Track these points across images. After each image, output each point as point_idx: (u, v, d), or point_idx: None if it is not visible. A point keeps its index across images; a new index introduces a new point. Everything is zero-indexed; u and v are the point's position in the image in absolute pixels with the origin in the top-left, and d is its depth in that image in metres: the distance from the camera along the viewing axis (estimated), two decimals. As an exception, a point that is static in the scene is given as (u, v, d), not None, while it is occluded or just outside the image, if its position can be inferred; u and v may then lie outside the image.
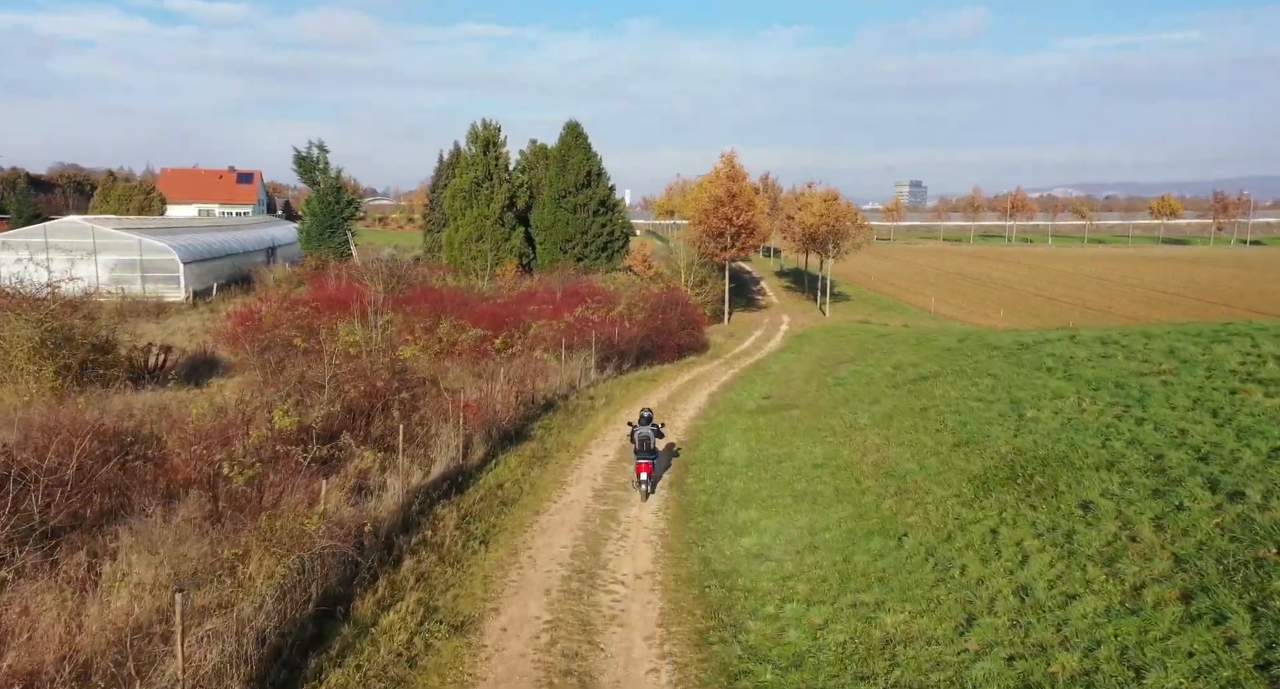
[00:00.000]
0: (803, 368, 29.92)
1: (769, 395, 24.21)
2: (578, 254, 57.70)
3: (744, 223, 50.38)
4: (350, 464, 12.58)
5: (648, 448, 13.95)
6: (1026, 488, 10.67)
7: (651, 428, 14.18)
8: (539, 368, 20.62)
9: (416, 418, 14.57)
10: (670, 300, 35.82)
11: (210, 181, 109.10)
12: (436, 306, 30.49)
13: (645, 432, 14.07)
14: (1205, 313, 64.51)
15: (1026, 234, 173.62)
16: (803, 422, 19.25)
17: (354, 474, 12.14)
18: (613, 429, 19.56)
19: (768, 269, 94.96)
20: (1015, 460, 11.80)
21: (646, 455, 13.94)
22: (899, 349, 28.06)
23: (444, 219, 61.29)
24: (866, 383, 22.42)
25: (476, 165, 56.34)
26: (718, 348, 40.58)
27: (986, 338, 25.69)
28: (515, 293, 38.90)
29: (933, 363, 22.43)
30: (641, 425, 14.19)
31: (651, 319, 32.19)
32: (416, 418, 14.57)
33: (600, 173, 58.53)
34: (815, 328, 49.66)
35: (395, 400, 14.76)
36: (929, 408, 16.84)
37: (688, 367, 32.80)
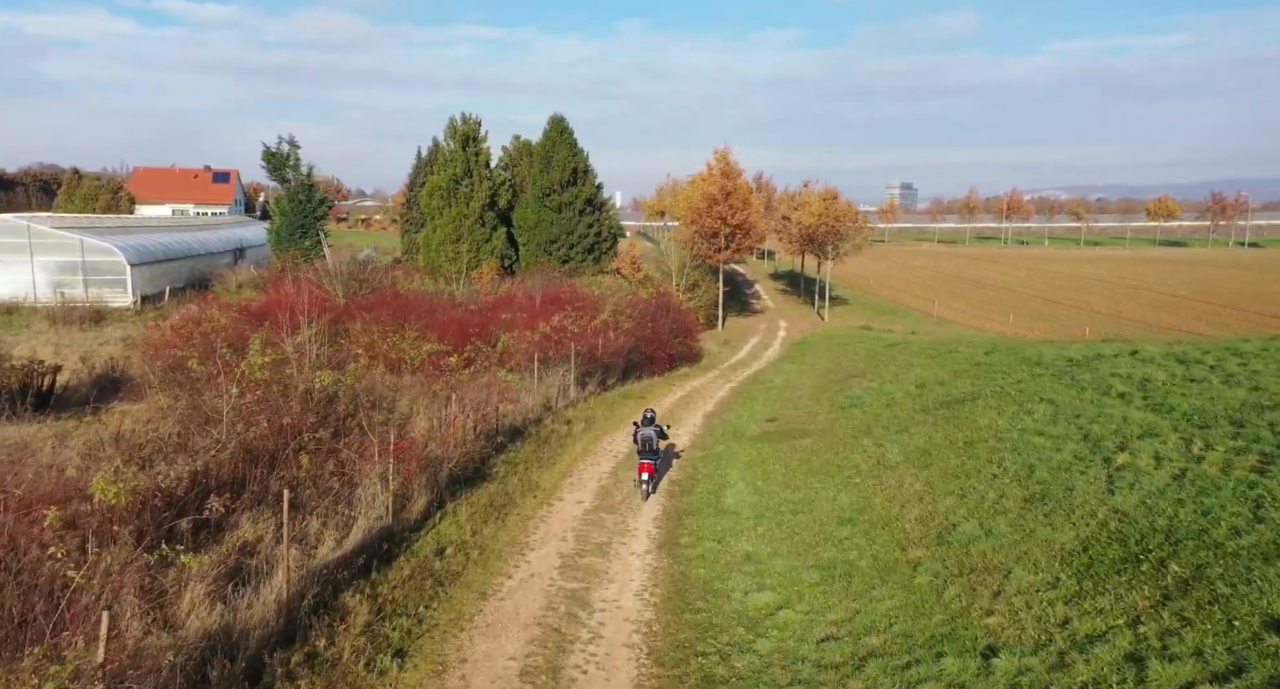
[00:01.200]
0: (808, 382, 26.84)
1: (773, 417, 21.11)
2: (563, 256, 54.52)
3: (739, 223, 47.32)
4: (232, 536, 9.40)
5: (650, 448, 14.18)
6: (1160, 582, 7.59)
7: (655, 429, 14.40)
8: (503, 390, 17.48)
9: (333, 464, 11.38)
10: (660, 306, 32.71)
11: (185, 181, 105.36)
12: (400, 314, 27.31)
13: (648, 432, 14.26)
14: (1218, 316, 61.92)
15: (1021, 236, 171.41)
16: (818, 454, 16.15)
17: (232, 552, 8.95)
18: (591, 463, 16.40)
19: (762, 272, 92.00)
20: (1124, 531, 8.73)
21: (649, 456, 14.15)
22: (917, 361, 25.02)
23: (422, 219, 58.04)
24: (887, 404, 19.35)
25: (455, 162, 53.09)
26: (712, 357, 37.48)
27: (1020, 350, 22.68)
28: (492, 298, 35.71)
29: (964, 381, 19.39)
30: (645, 426, 14.39)
31: (639, 327, 29.07)
32: (333, 464, 11.38)
33: (587, 170, 55.39)
34: (815, 334, 46.64)
35: (311, 439, 11.57)
36: (975, 442, 13.77)
37: (680, 379, 29.68)
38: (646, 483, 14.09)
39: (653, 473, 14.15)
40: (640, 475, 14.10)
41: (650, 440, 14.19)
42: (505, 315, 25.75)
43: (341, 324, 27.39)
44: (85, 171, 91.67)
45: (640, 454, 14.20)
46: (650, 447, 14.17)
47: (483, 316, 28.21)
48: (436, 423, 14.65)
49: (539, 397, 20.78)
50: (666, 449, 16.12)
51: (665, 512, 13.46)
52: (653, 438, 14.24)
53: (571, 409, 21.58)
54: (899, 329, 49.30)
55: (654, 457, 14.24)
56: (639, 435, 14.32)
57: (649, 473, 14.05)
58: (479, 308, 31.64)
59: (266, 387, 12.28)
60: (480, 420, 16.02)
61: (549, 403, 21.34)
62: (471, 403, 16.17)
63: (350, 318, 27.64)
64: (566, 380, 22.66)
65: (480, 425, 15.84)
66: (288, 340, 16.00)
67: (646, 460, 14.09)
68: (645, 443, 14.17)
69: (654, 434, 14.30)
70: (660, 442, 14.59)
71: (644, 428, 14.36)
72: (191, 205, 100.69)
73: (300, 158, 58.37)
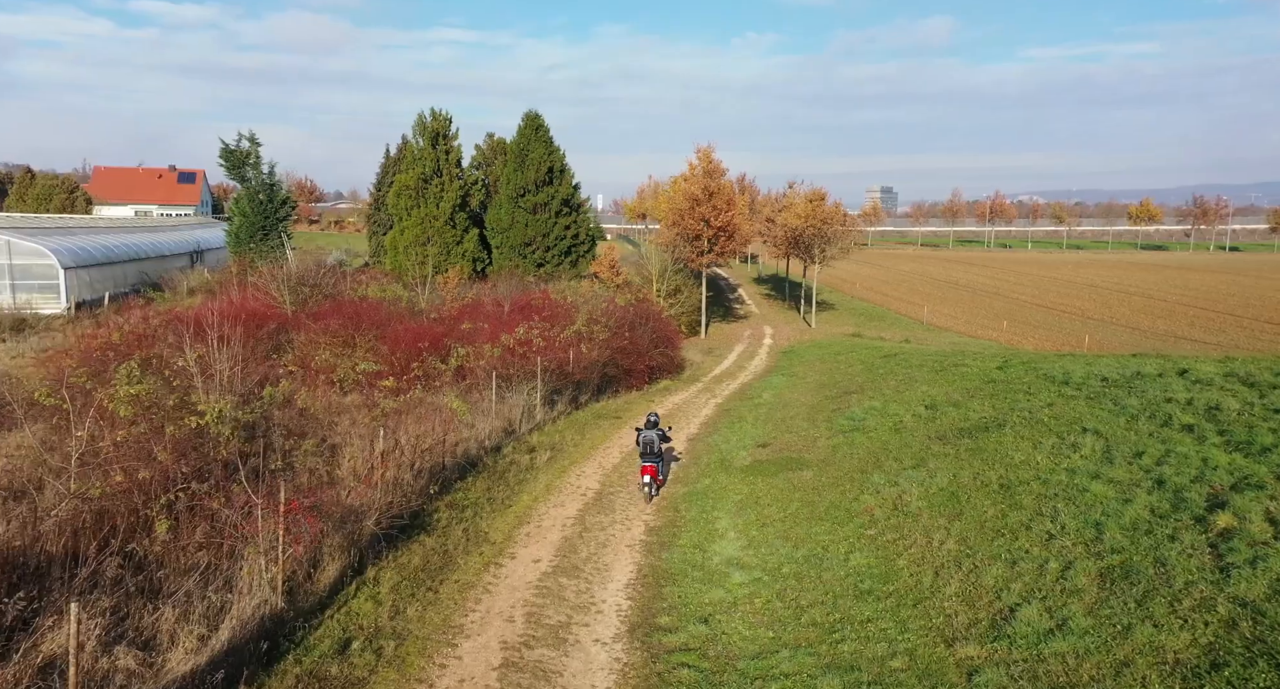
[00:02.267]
0: (801, 398, 24.44)
1: (765, 443, 18.67)
2: (538, 259, 51.93)
3: (723, 224, 44.97)
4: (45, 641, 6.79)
5: (653, 451, 14.30)
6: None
7: (657, 432, 14.54)
8: (449, 418, 14.88)
9: (205, 530, 8.77)
10: (639, 314, 30.22)
11: (148, 181, 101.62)
12: (351, 324, 24.67)
13: (650, 436, 14.40)
14: (1214, 323, 60.44)
15: (1004, 239, 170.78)
16: (821, 493, 13.71)
17: (25, 675, 6.35)
18: (554, 504, 13.86)
19: (745, 276, 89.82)
20: (1265, 639, 6.33)
21: (652, 459, 14.30)
22: (921, 376, 22.69)
23: (390, 221, 55.23)
24: (895, 429, 16.96)
25: (424, 160, 50.39)
26: (695, 368, 35.05)
27: (1037, 364, 20.39)
28: (458, 305, 33.09)
29: (982, 402, 17.04)
30: (647, 429, 14.51)
31: (616, 338, 26.56)
32: (205, 530, 8.77)
33: (563, 169, 52.83)
34: (803, 342, 44.34)
35: (180, 495, 8.95)
36: (1014, 485, 11.39)
37: (661, 394, 27.19)
38: (649, 485, 14.23)
39: (655, 475, 14.32)
40: (643, 478, 14.28)
41: (653, 444, 14.31)
42: (466, 326, 23.15)
43: (286, 335, 24.73)
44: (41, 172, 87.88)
45: (643, 457, 14.34)
46: (653, 450, 14.30)
47: (443, 327, 25.61)
48: (360, 462, 12.06)
49: (499, 420, 18.21)
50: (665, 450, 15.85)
51: (640, 573, 10.95)
52: (655, 441, 14.35)
53: (537, 433, 19.02)
54: (890, 336, 47.14)
55: (656, 459, 14.37)
56: (641, 438, 14.41)
57: (651, 475, 14.22)
58: (441, 316, 29.03)
59: (133, 424, 9.63)
60: (422, 455, 13.44)
61: (511, 426, 18.78)
62: (413, 433, 13.59)
63: (296, 328, 24.98)
64: (532, 400, 20.11)
65: (421, 461, 13.26)
66: (189, 358, 13.33)
67: (649, 463, 14.24)
68: (647, 446, 14.28)
69: (656, 437, 14.40)
70: (662, 444, 14.60)
71: (646, 431, 14.47)
72: (155, 206, 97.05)
73: (261, 156, 55.37)
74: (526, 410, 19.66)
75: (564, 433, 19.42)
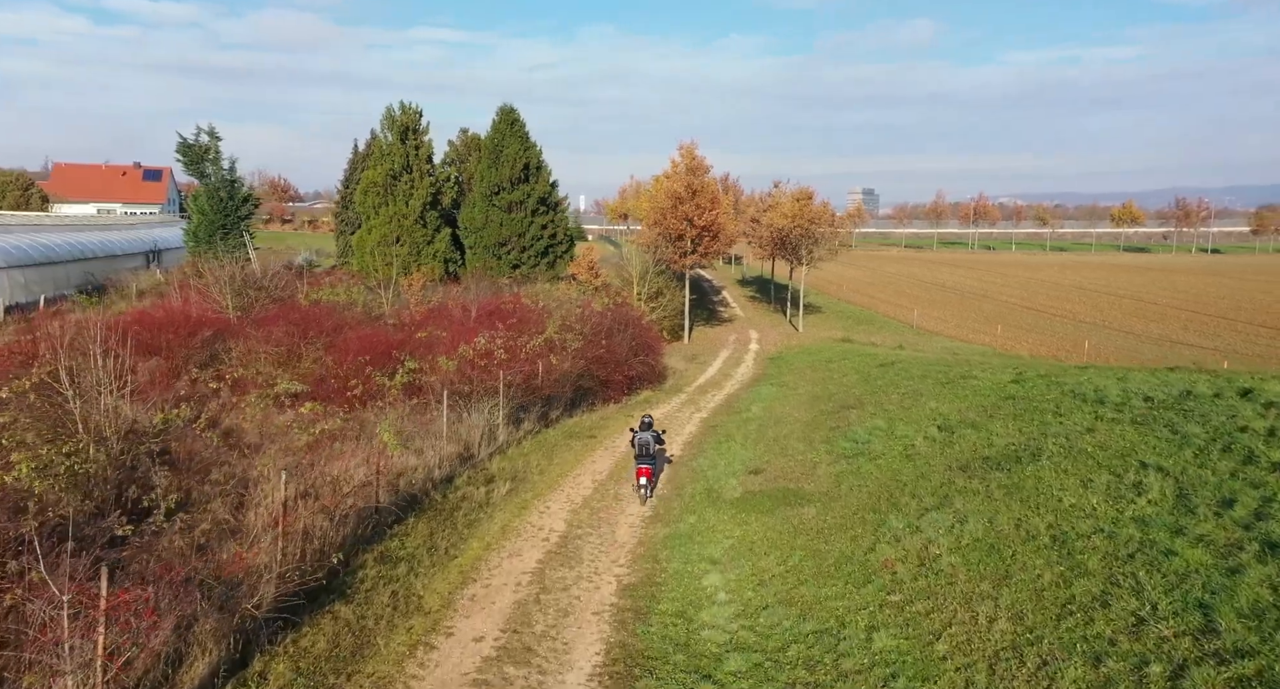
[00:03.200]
0: (794, 413, 22.26)
1: (758, 468, 16.44)
2: (514, 260, 49.53)
3: (707, 224, 42.77)
4: None
5: (647, 453, 14.50)
6: None
7: (652, 434, 14.68)
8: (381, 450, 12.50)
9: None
10: (618, 319, 27.96)
11: (112, 178, 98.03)
12: (298, 332, 22.25)
13: (645, 438, 14.57)
14: (1207, 326, 59.07)
15: (987, 241, 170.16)
16: (828, 539, 11.50)
17: None
18: (508, 554, 11.54)
19: (729, 277, 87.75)
20: None
21: (646, 460, 14.47)
22: (926, 389, 20.57)
23: (358, 220, 52.60)
24: (906, 454, 14.80)
25: (393, 155, 47.85)
26: (678, 377, 32.82)
27: (1058, 378, 18.30)
28: (423, 309, 30.67)
29: (1004, 424, 14.90)
30: (642, 431, 14.69)
31: (591, 345, 24.28)
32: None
33: (540, 166, 50.47)
34: (791, 347, 42.24)
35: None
36: (1069, 539, 9.23)
37: (641, 407, 24.89)
38: (644, 487, 14.41)
39: (650, 477, 14.51)
40: (638, 480, 14.44)
41: (648, 445, 14.52)
42: (422, 335, 20.77)
43: (224, 344, 22.25)
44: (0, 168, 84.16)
45: (638, 459, 14.53)
46: (647, 451, 14.50)
47: (402, 335, 23.21)
48: (265, 512, 9.69)
49: (453, 444, 15.86)
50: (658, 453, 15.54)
51: (608, 656, 8.66)
52: (650, 442, 14.57)
53: (499, 458, 16.68)
54: (881, 341, 45.17)
55: (651, 462, 14.59)
56: (636, 440, 14.64)
57: (646, 477, 14.41)
58: (401, 323, 26.62)
59: None
60: (347, 495, 11.08)
61: (469, 451, 16.44)
62: (336, 471, 11.23)
63: (234, 336, 22.50)
64: (494, 419, 17.76)
65: (345, 504, 10.90)
66: (63, 378, 10.89)
67: (644, 465, 14.43)
68: (643, 448, 14.52)
69: (650, 439, 14.61)
70: (657, 446, 14.81)
71: (641, 433, 14.69)
72: (119, 204, 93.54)
73: (222, 151, 52.56)
74: (487, 431, 17.32)
75: (529, 457, 17.08)
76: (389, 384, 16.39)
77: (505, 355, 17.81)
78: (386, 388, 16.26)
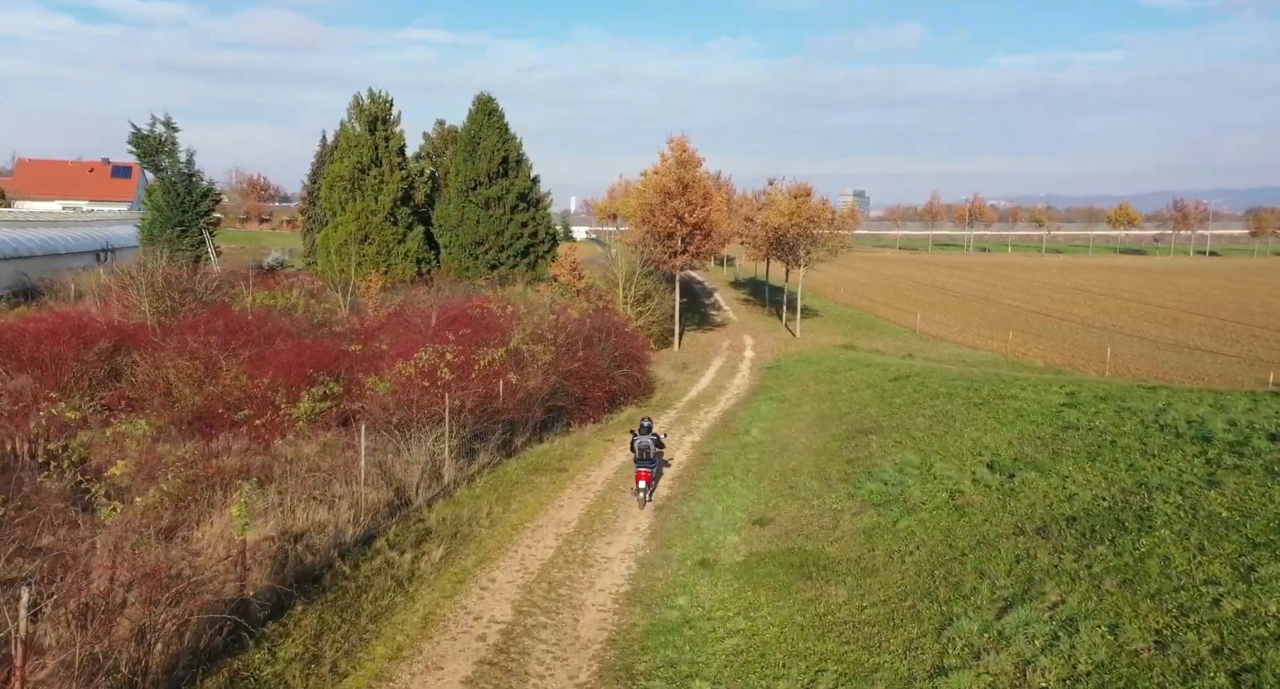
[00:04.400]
0: (801, 438, 19.04)
1: (763, 517, 13.20)
2: (491, 260, 46.22)
3: (698, 221, 39.53)
4: None
5: (647, 457, 14.35)
6: None
7: (652, 438, 14.52)
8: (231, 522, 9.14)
9: None
10: (598, 327, 24.68)
11: (78, 174, 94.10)
12: (221, 341, 18.94)
13: (645, 441, 14.40)
14: (1222, 331, 56.27)
15: (983, 243, 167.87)
16: (871, 644, 8.25)
17: None
18: (423, 666, 8.21)
19: (721, 279, 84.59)
20: None
21: (646, 464, 14.33)
22: (958, 412, 17.37)
23: (325, 216, 49.14)
24: (954, 505, 11.59)
25: (361, 147, 44.46)
26: (667, 390, 29.57)
27: (1127, 403, 15.12)
28: (381, 314, 27.33)
29: (1080, 468, 11.70)
30: (642, 435, 14.50)
31: (567, 357, 21.02)
32: None
33: (520, 159, 47.20)
34: (789, 355, 39.06)
35: None
36: (1255, 672, 6.01)
37: (623, 428, 21.60)
38: (643, 491, 14.21)
39: (649, 480, 14.31)
40: (637, 483, 14.26)
41: (647, 449, 14.37)
42: (355, 348, 17.44)
43: (130, 356, 18.88)
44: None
45: (637, 463, 14.36)
46: (647, 455, 14.35)
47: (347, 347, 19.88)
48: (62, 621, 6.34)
49: (380, 489, 12.54)
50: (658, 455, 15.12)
51: None
52: (650, 446, 14.41)
53: (442, 503, 13.38)
54: (885, 348, 42.05)
55: (650, 465, 14.42)
56: (636, 444, 14.49)
57: (646, 481, 14.22)
58: (350, 331, 23.28)
59: None
60: (178, 593, 7.76)
61: (403, 495, 13.13)
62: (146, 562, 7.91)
63: (142, 346, 19.14)
64: (440, 452, 14.46)
65: (180, 611, 7.57)
66: None
67: (643, 468, 14.25)
68: (642, 451, 14.35)
69: (650, 442, 14.45)
70: (657, 449, 14.62)
71: (641, 436, 14.51)
72: (85, 201, 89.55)
73: (179, 142, 49.06)
74: (430, 469, 14.01)
75: (481, 500, 13.78)
76: (293, 414, 13.03)
77: (450, 375, 14.47)
78: (293, 419, 12.93)
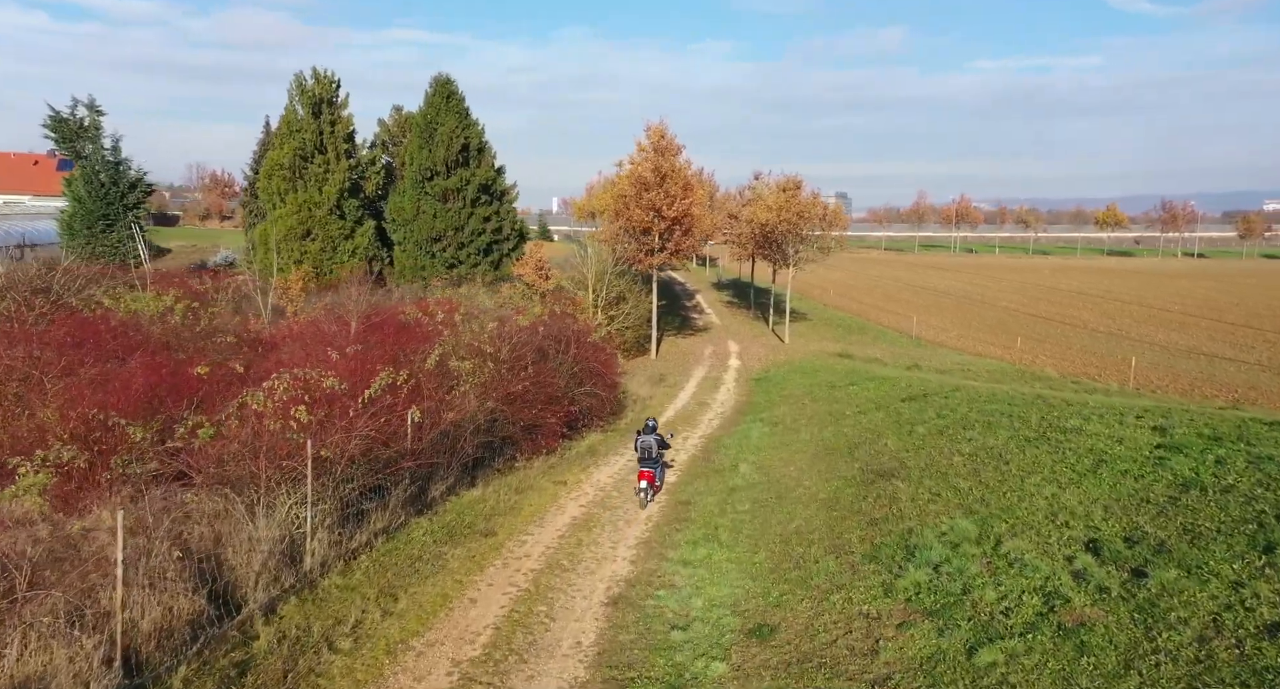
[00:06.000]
0: (804, 480, 14.91)
1: (762, 625, 9.03)
2: (450, 258, 41.83)
3: (678, 214, 35.39)
4: None
5: (650, 456, 14.36)
6: None
7: (655, 438, 14.57)
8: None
9: None
10: (557, 336, 20.45)
11: (21, 168, 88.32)
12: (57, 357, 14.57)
13: (649, 441, 14.45)
14: (1232, 336, 52.89)
15: (969, 244, 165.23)
16: None
17: None
18: None
19: (704, 280, 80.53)
20: None
21: (649, 464, 14.33)
22: (1008, 450, 13.30)
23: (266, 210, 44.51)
24: (1068, 638, 7.48)
25: (304, 132, 39.93)
26: (640, 408, 25.35)
27: (1258, 447, 11.10)
28: (298, 322, 22.95)
29: (1249, 566, 7.64)
30: (646, 434, 14.57)
31: (511, 376, 16.76)
32: None
33: (483, 148, 42.85)
34: (779, 364, 35.00)
35: None
36: None
37: (580, 465, 17.37)
38: (645, 491, 14.16)
39: (652, 481, 14.24)
40: (639, 483, 14.22)
41: (650, 449, 14.35)
42: (201, 370, 13.09)
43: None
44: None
45: (641, 462, 14.32)
46: (650, 455, 14.33)
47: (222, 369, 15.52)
48: None
49: (181, 599, 8.24)
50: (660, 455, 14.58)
51: None
52: (653, 446, 14.38)
53: (292, 604, 9.10)
54: (882, 355, 38.10)
55: (654, 465, 14.36)
56: (639, 443, 14.46)
57: (648, 481, 14.17)
58: (245, 342, 18.91)
59: None
60: None
61: (230, 593, 8.85)
62: None
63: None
64: (298, 521, 10.16)
65: None
66: None
67: (646, 469, 14.21)
68: (645, 451, 14.34)
69: (654, 443, 14.42)
70: (661, 450, 14.58)
71: (645, 436, 14.50)
72: (28, 196, 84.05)
73: (103, 127, 44.38)
74: (283, 551, 9.72)
75: (354, 596, 9.52)
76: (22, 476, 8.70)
77: (310, 416, 10.19)
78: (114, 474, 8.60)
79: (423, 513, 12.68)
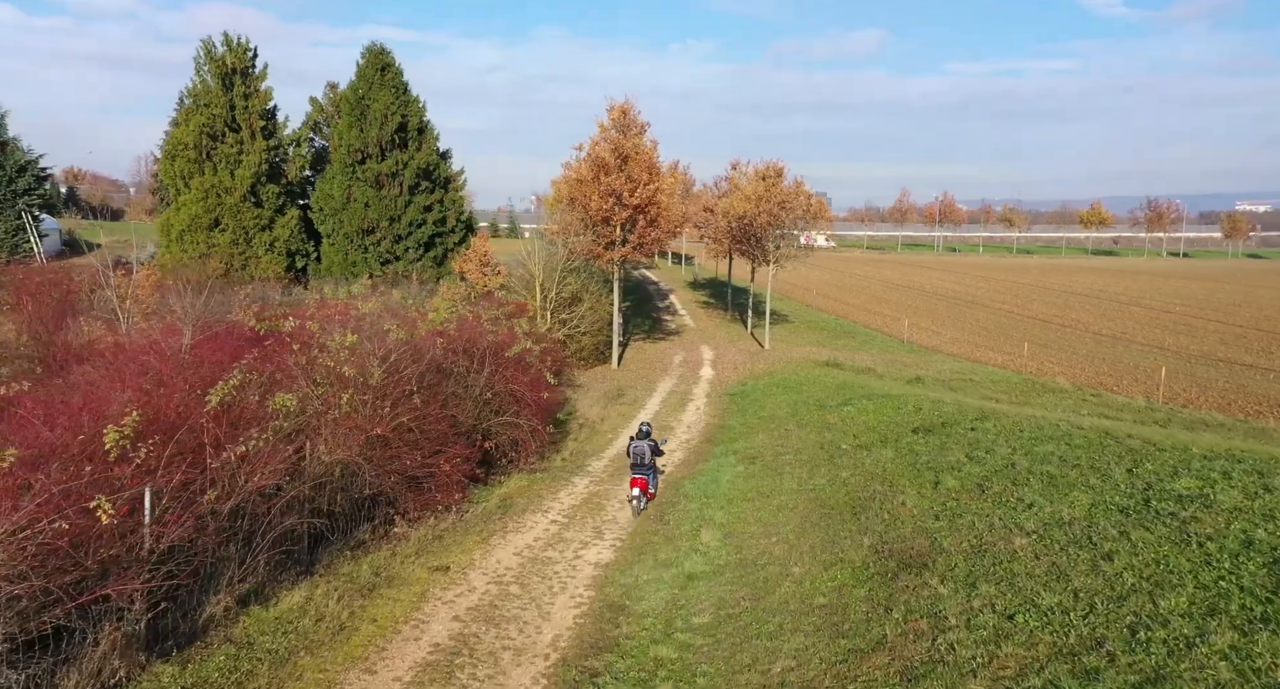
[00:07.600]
0: (791, 566, 10.16)
1: None
2: (385, 253, 36.74)
3: (642, 202, 30.60)
4: None
5: (643, 462, 14.02)
6: None
7: (649, 443, 14.16)
8: None
9: None
10: (465, 349, 15.54)
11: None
12: None
13: (642, 447, 14.08)
14: (1244, 339, 48.86)
15: (952, 244, 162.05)
16: None
17: None
18: None
19: (679, 279, 75.77)
20: None
21: (642, 470, 13.98)
22: (1114, 540, 8.64)
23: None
24: None
25: (213, 106, 34.68)
26: (587, 435, 20.54)
27: None
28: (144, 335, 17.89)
29: None
30: (639, 439, 14.22)
31: (379, 411, 11.86)
32: None
33: (424, 128, 37.77)
34: (758, 375, 30.31)
35: None
36: None
37: (477, 534, 12.51)
38: (637, 498, 13.78)
39: (645, 488, 13.92)
40: (631, 491, 13.86)
41: (643, 455, 14.00)
42: None
43: None
44: None
45: (633, 468, 14.04)
46: (643, 461, 13.98)
47: None
48: None
49: None
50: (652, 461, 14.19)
51: None
52: (646, 453, 14.01)
53: None
54: (874, 364, 33.49)
55: (647, 472, 14.05)
56: (632, 449, 14.18)
57: (641, 488, 13.81)
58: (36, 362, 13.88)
59: None
60: None
61: None
62: None
63: None
64: None
65: None
66: None
67: (638, 475, 13.89)
68: (638, 457, 14.01)
69: (647, 449, 14.03)
70: (654, 457, 14.17)
71: (638, 441, 14.16)
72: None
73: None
74: None
75: None
76: None
77: None
78: None
79: (167, 655, 7.75)
